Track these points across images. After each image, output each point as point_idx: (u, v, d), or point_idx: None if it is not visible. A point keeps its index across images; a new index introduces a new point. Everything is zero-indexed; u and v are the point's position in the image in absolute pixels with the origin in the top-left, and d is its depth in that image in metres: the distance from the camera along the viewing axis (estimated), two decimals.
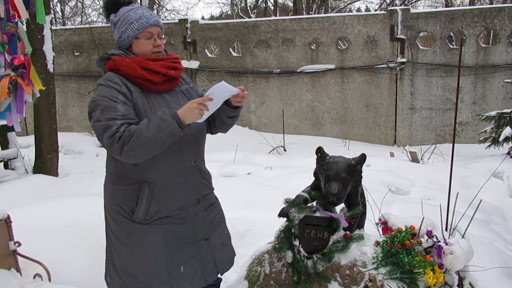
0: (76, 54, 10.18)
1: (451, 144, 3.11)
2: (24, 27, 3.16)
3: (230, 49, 9.78)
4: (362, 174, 2.32)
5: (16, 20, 2.91)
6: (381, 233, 2.49)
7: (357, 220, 2.38)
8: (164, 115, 1.69)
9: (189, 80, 2.11)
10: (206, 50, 9.83)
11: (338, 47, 9.22)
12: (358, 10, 23.83)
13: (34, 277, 2.63)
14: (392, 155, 6.89)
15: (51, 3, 9.34)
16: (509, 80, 7.12)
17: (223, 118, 1.99)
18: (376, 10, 17.49)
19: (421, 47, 8.73)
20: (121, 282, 1.90)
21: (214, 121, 2.05)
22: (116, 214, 1.90)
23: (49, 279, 2.61)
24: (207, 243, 1.97)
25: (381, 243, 2.29)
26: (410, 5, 16.25)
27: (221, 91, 1.78)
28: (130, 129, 1.69)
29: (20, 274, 2.67)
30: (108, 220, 1.97)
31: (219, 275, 2.08)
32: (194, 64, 9.70)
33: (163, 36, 1.96)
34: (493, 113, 6.61)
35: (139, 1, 17.92)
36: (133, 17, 1.86)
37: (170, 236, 1.87)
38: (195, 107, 1.71)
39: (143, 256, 1.86)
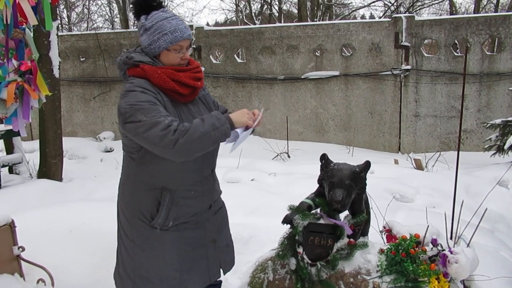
0: (81, 59, 10.25)
1: (456, 152, 3.10)
2: (32, 33, 3.19)
3: (235, 55, 9.81)
4: (366, 181, 2.32)
5: (24, 26, 2.94)
6: (386, 241, 2.48)
7: (361, 227, 2.37)
8: (219, 115, 1.75)
9: (204, 85, 2.14)
10: (210, 56, 9.88)
11: (343, 54, 9.23)
12: (363, 17, 23.88)
13: (38, 282, 2.63)
14: (396, 162, 6.87)
15: (57, 9, 9.42)
16: None
17: None
18: (380, 18, 17.52)
19: (425, 55, 8.73)
20: (132, 284, 1.93)
21: None
22: (133, 218, 1.92)
23: (52, 284, 2.61)
24: (214, 245, 2.02)
25: (386, 251, 2.28)
26: (414, 13, 16.26)
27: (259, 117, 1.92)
28: (184, 124, 1.69)
29: (24, 279, 2.67)
30: (123, 223, 1.98)
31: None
32: None
33: (190, 48, 1.96)
34: (498, 121, 6.59)
35: None
36: (167, 28, 1.84)
37: (184, 242, 1.92)
38: (246, 113, 1.82)
39: (160, 261, 1.89)
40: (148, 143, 1.70)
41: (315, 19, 16.57)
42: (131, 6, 1.93)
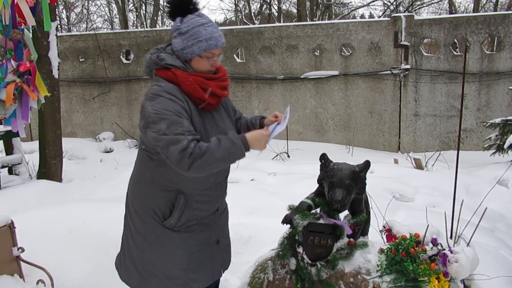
0: (81, 60, 10.24)
1: (456, 151, 3.09)
2: (30, 34, 3.18)
3: (234, 55, 9.81)
4: (366, 181, 2.31)
5: (22, 27, 2.93)
6: (386, 241, 2.47)
7: (361, 227, 2.37)
8: (236, 139, 1.76)
9: None
10: None
11: (342, 53, 9.23)
12: (362, 16, 23.87)
13: (37, 283, 2.63)
14: (396, 161, 6.86)
15: (56, 9, 9.42)
16: None
17: None
18: (380, 17, 17.51)
19: (425, 54, 8.72)
20: (139, 277, 1.97)
21: None
22: (145, 215, 1.94)
23: (52, 285, 2.60)
24: (217, 246, 2.07)
25: (386, 250, 2.28)
26: (414, 12, 16.26)
27: (287, 116, 2.00)
28: (201, 147, 1.70)
29: (23, 280, 2.67)
30: (133, 218, 2.00)
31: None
32: None
33: (221, 54, 1.97)
34: (497, 120, 6.59)
35: (144, 8, 18.05)
36: (203, 35, 1.83)
37: (193, 243, 1.96)
38: (265, 139, 1.83)
39: (168, 260, 1.93)
40: (164, 157, 1.74)
41: (315, 19, 16.56)
42: (166, 5, 1.90)
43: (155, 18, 17.77)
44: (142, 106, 1.79)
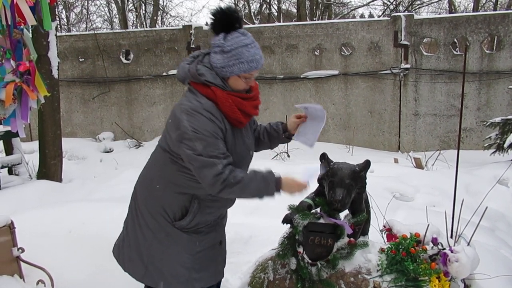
0: (80, 60, 10.23)
1: (456, 150, 3.09)
2: (30, 33, 3.17)
3: None
4: (366, 181, 2.31)
5: (22, 26, 2.93)
6: (386, 240, 2.47)
7: (361, 227, 2.36)
8: (272, 181, 1.84)
9: None
10: None
11: (342, 53, 9.23)
12: (362, 16, 23.86)
13: (37, 283, 2.63)
14: (396, 161, 6.86)
15: (56, 9, 9.42)
16: None
17: (271, 145, 2.23)
18: (379, 16, 17.50)
19: (425, 53, 8.72)
20: (145, 270, 2.00)
21: (259, 146, 2.23)
22: (157, 214, 1.97)
23: (52, 285, 2.60)
24: (220, 246, 2.14)
25: (386, 250, 2.27)
26: (413, 11, 16.24)
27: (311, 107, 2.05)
28: (235, 176, 1.77)
29: (23, 280, 2.67)
30: (144, 215, 2.01)
31: None
32: None
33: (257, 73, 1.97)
34: (497, 119, 6.59)
35: (143, 8, 18.04)
36: (245, 56, 1.84)
37: (199, 244, 2.01)
38: (297, 190, 1.91)
39: (174, 258, 1.96)
40: (196, 176, 1.80)
41: (314, 18, 16.54)
42: (211, 17, 1.85)
43: (155, 18, 17.76)
44: (178, 118, 1.79)
